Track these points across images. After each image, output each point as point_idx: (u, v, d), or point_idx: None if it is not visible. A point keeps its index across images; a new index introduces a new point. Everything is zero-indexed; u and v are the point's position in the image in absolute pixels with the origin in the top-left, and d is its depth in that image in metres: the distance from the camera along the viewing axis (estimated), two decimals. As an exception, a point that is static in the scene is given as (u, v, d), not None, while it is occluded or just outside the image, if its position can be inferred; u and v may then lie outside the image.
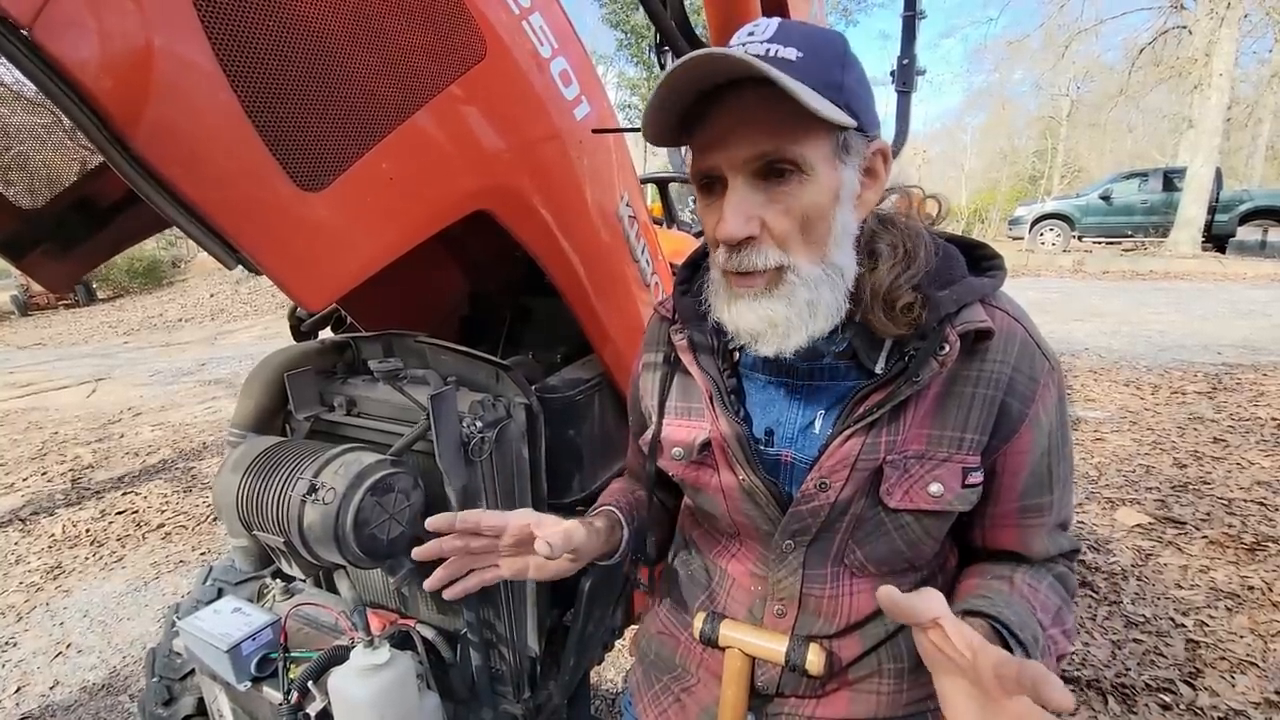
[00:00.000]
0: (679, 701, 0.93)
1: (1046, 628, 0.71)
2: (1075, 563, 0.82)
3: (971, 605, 0.71)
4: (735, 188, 0.65)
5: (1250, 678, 2.16)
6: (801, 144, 0.63)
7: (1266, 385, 5.02)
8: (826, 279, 0.67)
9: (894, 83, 2.38)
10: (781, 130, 0.62)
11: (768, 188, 0.65)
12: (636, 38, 20.09)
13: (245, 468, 1.00)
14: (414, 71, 0.82)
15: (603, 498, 0.98)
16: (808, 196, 0.64)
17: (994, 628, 0.67)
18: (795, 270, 0.66)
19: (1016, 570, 0.77)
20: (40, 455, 4.94)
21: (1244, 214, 13.19)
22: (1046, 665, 0.69)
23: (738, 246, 0.66)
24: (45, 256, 1.07)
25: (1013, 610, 0.69)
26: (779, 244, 0.66)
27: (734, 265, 0.67)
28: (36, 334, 11.55)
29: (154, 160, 0.61)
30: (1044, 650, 0.69)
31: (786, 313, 0.67)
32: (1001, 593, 0.73)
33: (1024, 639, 0.66)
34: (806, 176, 0.64)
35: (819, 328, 0.68)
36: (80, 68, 0.56)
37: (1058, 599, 0.75)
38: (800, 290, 0.67)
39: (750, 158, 0.64)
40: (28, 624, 2.86)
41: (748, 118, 0.63)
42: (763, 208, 0.65)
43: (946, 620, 0.57)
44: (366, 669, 0.96)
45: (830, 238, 0.67)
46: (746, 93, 0.63)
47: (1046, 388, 0.71)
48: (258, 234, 0.69)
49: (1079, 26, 16.82)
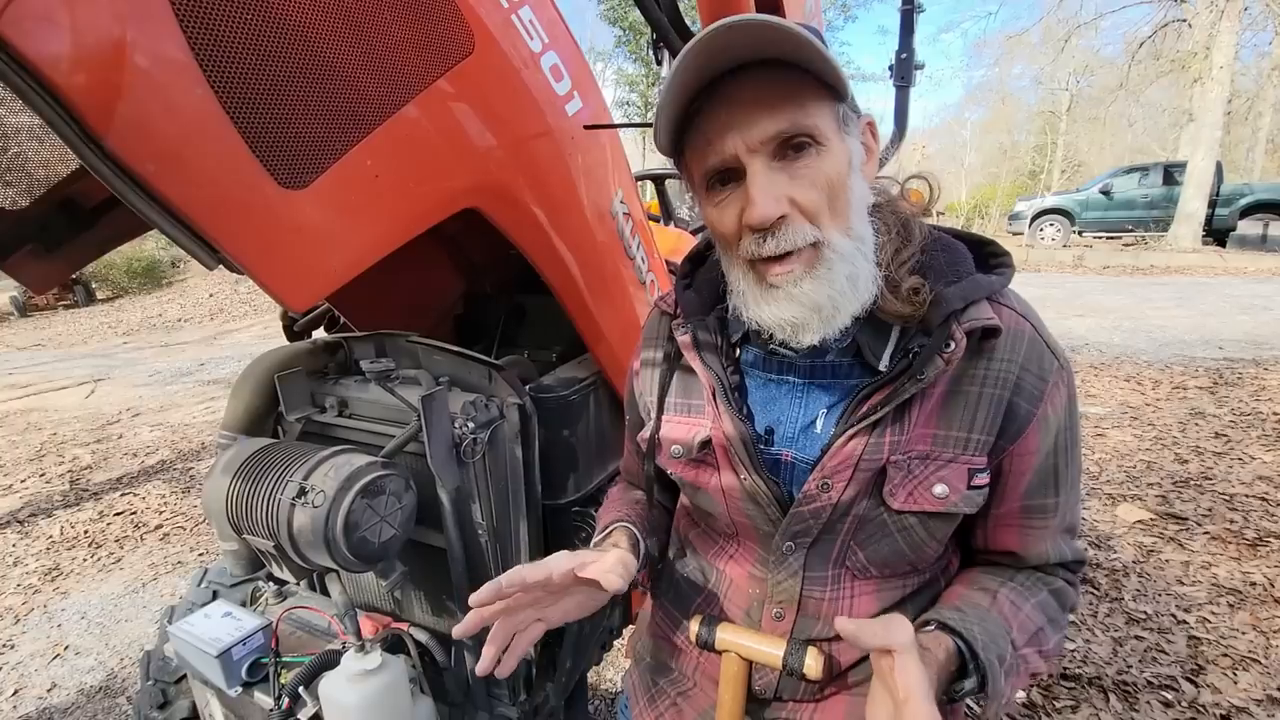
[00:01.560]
0: (675, 706, 0.92)
1: (1019, 647, 0.70)
2: (1079, 575, 0.80)
3: (943, 617, 0.70)
4: (757, 170, 0.64)
5: (1253, 674, 2.14)
6: (813, 116, 0.63)
7: (1268, 380, 5.00)
8: (858, 251, 0.67)
9: (892, 77, 2.36)
10: (792, 106, 0.62)
11: (787, 165, 0.64)
12: (635, 34, 20.07)
13: (235, 470, 0.99)
14: (399, 66, 0.80)
15: (608, 512, 0.93)
16: (829, 166, 0.64)
17: (958, 646, 0.67)
18: (830, 245, 0.65)
19: (1006, 583, 0.76)
20: (39, 456, 4.93)
21: (1244, 208, 13.16)
22: (1014, 684, 0.69)
23: (770, 230, 0.65)
24: (30, 257, 1.05)
25: (983, 628, 0.69)
26: (811, 219, 0.65)
27: (770, 249, 0.65)
28: (36, 335, 11.53)
29: (129, 158, 0.59)
30: (1011, 670, 0.69)
31: (830, 292, 0.66)
32: (979, 608, 0.72)
33: (985, 660, 0.66)
34: (823, 147, 0.64)
35: (862, 299, 0.68)
36: (51, 64, 0.55)
37: (1042, 618, 0.74)
38: (839, 265, 0.66)
39: (769, 137, 0.63)
40: (25, 626, 2.86)
41: (759, 99, 0.63)
42: (788, 185, 0.64)
43: (900, 657, 0.58)
44: (358, 674, 0.95)
45: (851, 208, 0.67)
46: (749, 78, 0.62)
47: (1056, 387, 0.70)
48: (238, 233, 0.68)
49: (1078, 20, 16.79)
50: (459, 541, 1.05)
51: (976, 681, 0.67)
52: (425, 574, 1.20)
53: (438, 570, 1.13)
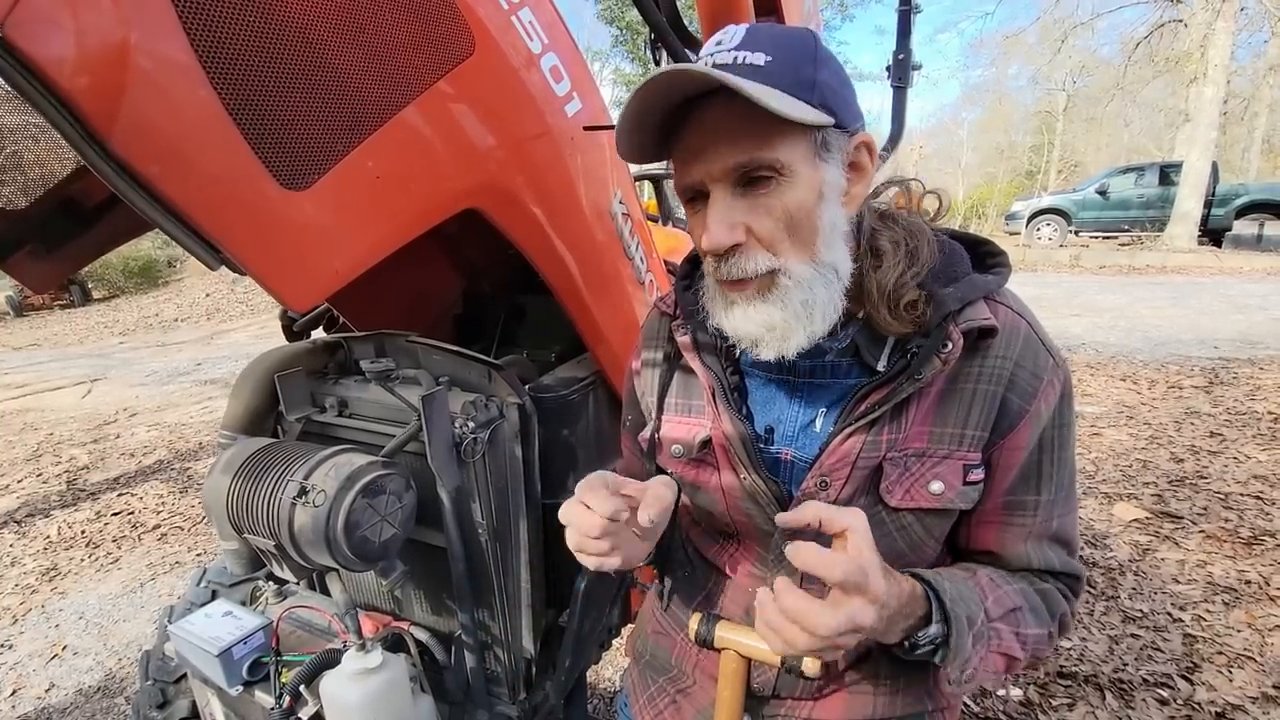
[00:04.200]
0: (675, 703, 0.93)
1: (993, 618, 0.69)
2: (1074, 590, 0.77)
3: (916, 570, 0.69)
4: (717, 198, 0.65)
5: (1248, 672, 2.16)
6: (776, 149, 0.63)
7: (1263, 379, 5.03)
8: (820, 278, 0.67)
9: (889, 78, 2.37)
10: (754, 138, 0.62)
11: (748, 194, 0.65)
12: (632, 34, 20.03)
13: (235, 470, 0.99)
14: (400, 67, 0.81)
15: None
16: (790, 197, 0.64)
17: (926, 593, 0.66)
18: (787, 273, 0.66)
19: (988, 568, 0.75)
20: (35, 456, 4.92)
21: (1240, 208, 13.20)
22: (984, 658, 0.68)
23: (726, 255, 0.66)
24: (29, 257, 1.05)
25: (954, 586, 0.68)
26: (767, 247, 0.66)
27: (724, 274, 0.67)
28: (31, 334, 11.49)
29: (132, 159, 0.60)
30: (981, 636, 0.67)
31: (783, 315, 0.67)
32: (955, 574, 0.72)
33: (952, 613, 0.65)
34: (785, 179, 0.64)
35: (817, 328, 0.68)
36: (55, 66, 0.55)
37: (1021, 601, 0.73)
38: (794, 292, 0.66)
39: (727, 170, 0.64)
40: (23, 627, 2.85)
41: (721, 129, 0.63)
42: (746, 214, 0.65)
43: (852, 535, 0.60)
44: (359, 673, 0.95)
45: (819, 236, 0.66)
46: (716, 104, 0.63)
47: (1050, 385, 0.70)
48: (240, 234, 0.68)
49: (1075, 20, 16.82)
50: (459, 541, 1.06)
51: (941, 630, 0.65)
52: (425, 573, 1.20)
53: (438, 569, 1.14)
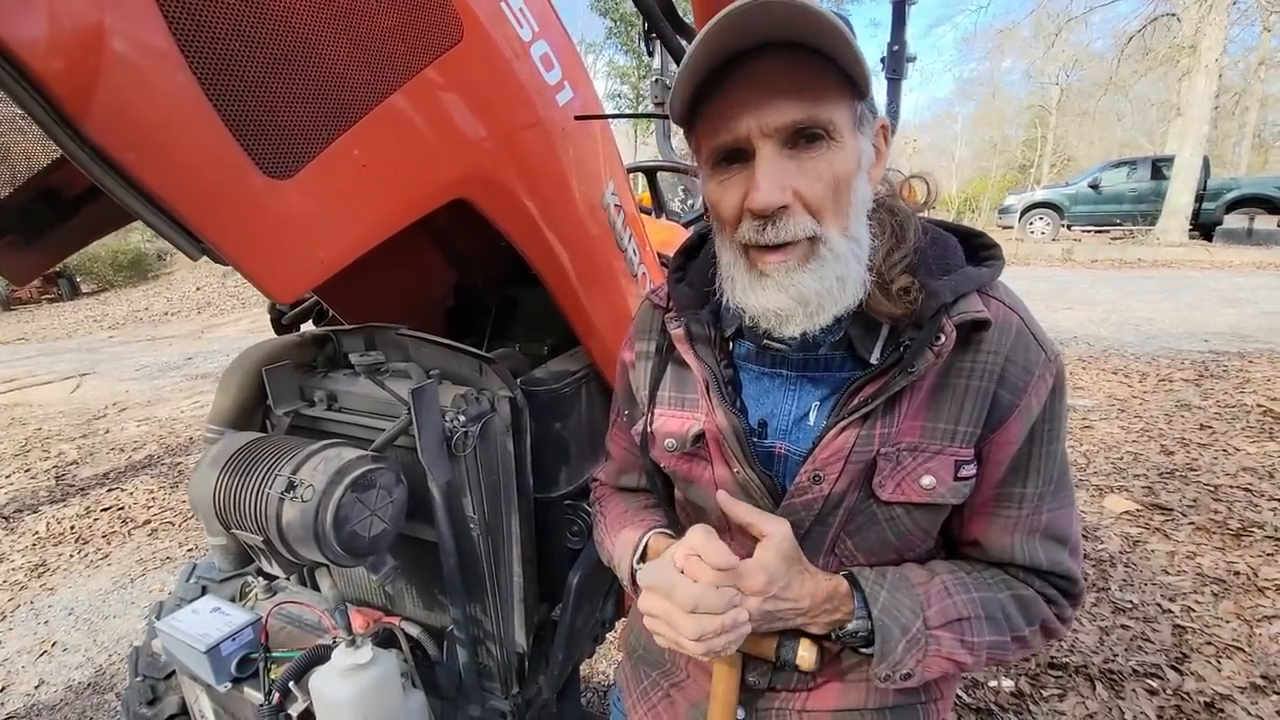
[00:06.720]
0: (668, 697, 0.92)
1: (932, 626, 0.70)
2: (1066, 592, 0.75)
3: (854, 570, 0.74)
4: (765, 155, 0.62)
5: (1236, 662, 2.18)
6: (831, 109, 0.62)
7: (1252, 372, 5.06)
8: (852, 253, 0.66)
9: (884, 70, 2.36)
10: (811, 96, 0.61)
11: (797, 155, 0.63)
12: (626, 25, 19.92)
13: (223, 465, 0.97)
14: (387, 54, 0.79)
15: (625, 526, 0.89)
16: (839, 163, 0.63)
17: (854, 594, 0.72)
18: (827, 242, 0.65)
19: (956, 572, 0.75)
20: (23, 451, 4.87)
21: (1231, 202, 13.29)
22: (922, 662, 0.70)
23: (770, 218, 0.64)
24: (9, 248, 1.03)
25: (891, 594, 0.71)
26: (813, 213, 0.64)
27: (767, 238, 0.64)
28: (19, 329, 11.36)
29: (109, 146, 0.58)
30: (917, 643, 0.70)
31: (818, 288, 0.65)
32: (905, 580, 0.73)
33: (877, 620, 0.70)
34: (836, 143, 0.63)
35: (847, 303, 0.67)
36: (27, 49, 0.53)
37: (977, 611, 0.71)
38: (831, 264, 0.65)
39: (784, 124, 0.61)
40: (12, 623, 2.83)
41: (777, 83, 0.61)
42: (795, 175, 0.63)
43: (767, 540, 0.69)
44: (349, 668, 0.94)
45: (853, 209, 0.66)
46: (770, 59, 0.61)
47: (1042, 379, 0.69)
48: (222, 223, 0.66)
49: (1069, 14, 16.83)
50: (450, 535, 1.05)
51: (863, 627, 0.70)
52: (416, 568, 1.19)
53: (429, 564, 1.13)
